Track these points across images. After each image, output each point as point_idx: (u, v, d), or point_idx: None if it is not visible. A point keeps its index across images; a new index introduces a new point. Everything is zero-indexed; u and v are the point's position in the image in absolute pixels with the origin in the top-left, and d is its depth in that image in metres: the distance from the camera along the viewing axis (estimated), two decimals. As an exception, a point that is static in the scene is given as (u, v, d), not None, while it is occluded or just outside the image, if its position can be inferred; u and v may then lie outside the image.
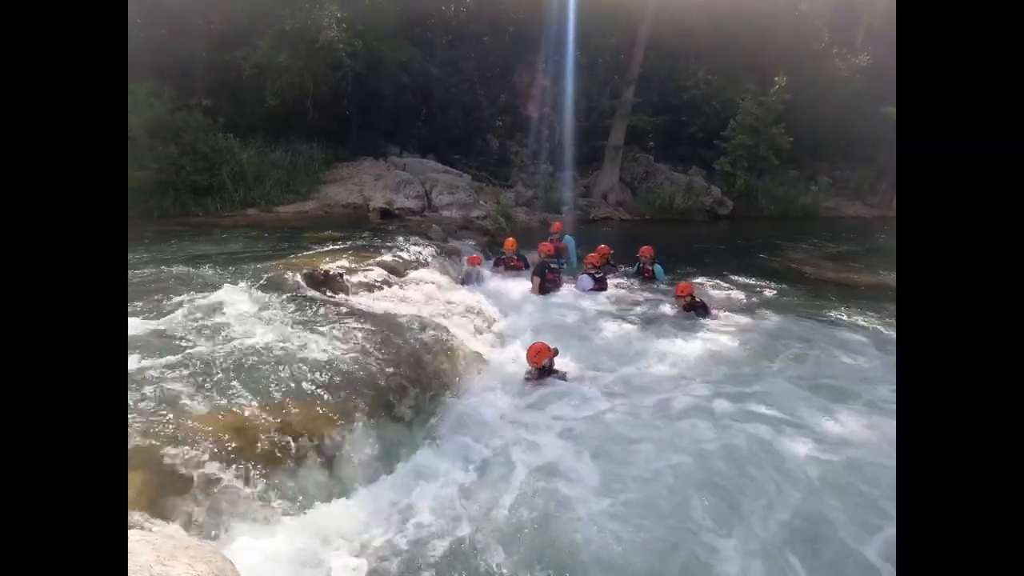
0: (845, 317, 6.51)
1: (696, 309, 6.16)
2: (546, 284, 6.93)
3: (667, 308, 6.49)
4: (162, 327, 3.79)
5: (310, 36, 11.89)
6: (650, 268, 7.86)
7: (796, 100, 16.84)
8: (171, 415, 2.74)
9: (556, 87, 17.16)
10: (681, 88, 17.95)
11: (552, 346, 4.45)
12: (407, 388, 3.70)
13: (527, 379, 4.41)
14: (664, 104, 17.66)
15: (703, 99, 17.83)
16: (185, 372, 3.15)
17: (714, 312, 6.26)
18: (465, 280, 7.13)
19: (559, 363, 4.53)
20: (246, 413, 2.91)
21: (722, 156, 16.91)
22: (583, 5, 16.03)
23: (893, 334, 5.96)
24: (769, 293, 7.73)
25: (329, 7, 11.98)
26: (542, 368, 4.38)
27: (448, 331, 4.81)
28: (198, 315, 4.05)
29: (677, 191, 16.45)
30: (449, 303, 5.75)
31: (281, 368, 3.37)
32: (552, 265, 7.17)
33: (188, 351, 3.43)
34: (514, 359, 4.95)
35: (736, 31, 17.80)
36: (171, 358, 3.30)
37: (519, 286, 7.21)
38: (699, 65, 18.06)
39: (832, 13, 19.16)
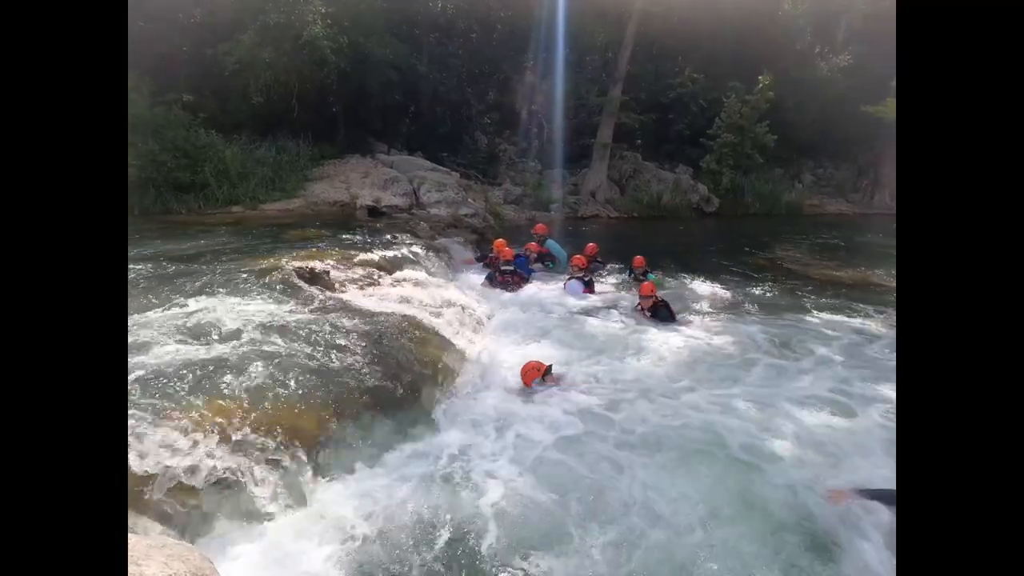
0: (828, 313, 6.61)
1: (659, 311, 6.08)
2: (496, 285, 7.01)
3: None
4: (143, 326, 3.70)
5: (294, 32, 11.71)
6: (642, 279, 7.84)
7: (780, 99, 17.03)
8: (149, 413, 2.68)
9: (544, 85, 17.15)
10: (668, 86, 18.05)
11: (545, 363, 4.43)
12: (393, 386, 3.67)
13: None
14: (652, 102, 17.73)
15: (690, 97, 17.96)
16: (165, 370, 3.08)
17: (679, 316, 6.17)
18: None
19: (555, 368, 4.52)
20: (228, 411, 2.86)
21: (708, 154, 17.06)
22: (572, 3, 16.02)
23: (874, 327, 6.08)
24: (754, 289, 7.82)
25: (313, 2, 11.81)
26: (535, 384, 4.36)
27: (435, 330, 4.78)
28: (180, 314, 3.97)
29: (664, 189, 16.56)
30: (437, 301, 5.71)
31: (265, 366, 3.32)
32: (503, 268, 7.20)
33: (168, 349, 3.36)
34: (501, 358, 4.93)
35: (722, 30, 17.95)
36: (151, 357, 3.23)
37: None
38: (686, 63, 18.19)
39: (814, 13, 19.39)
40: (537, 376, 4.37)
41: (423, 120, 16.31)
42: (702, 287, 7.79)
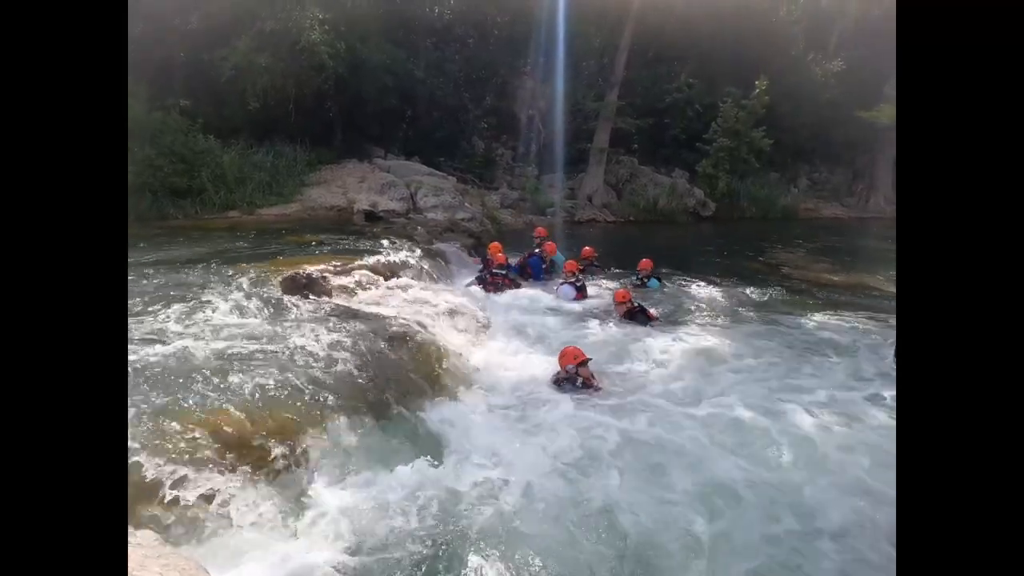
0: (824, 317, 6.61)
1: (635, 316, 6.08)
2: (487, 288, 7.03)
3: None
4: (136, 333, 3.67)
5: (291, 38, 11.73)
6: (645, 280, 7.85)
7: (775, 104, 17.14)
8: (143, 420, 2.66)
9: (541, 89, 17.21)
10: (664, 91, 18.15)
11: (585, 355, 4.40)
12: (390, 392, 3.64)
13: (555, 380, 4.39)
14: (647, 107, 17.83)
15: (685, 102, 18.06)
16: (159, 377, 3.06)
17: (655, 317, 6.15)
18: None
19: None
20: (222, 418, 2.83)
21: (704, 159, 17.15)
22: (568, 9, 16.12)
23: (869, 330, 6.10)
24: (748, 292, 7.84)
25: (311, 8, 11.84)
26: (567, 371, 4.35)
27: (432, 335, 4.76)
28: (173, 320, 3.94)
29: (661, 193, 16.62)
30: (433, 306, 5.69)
31: (261, 374, 3.29)
32: (494, 271, 7.27)
33: (162, 357, 3.33)
34: (500, 362, 4.91)
35: (717, 36, 18.08)
36: (145, 363, 3.20)
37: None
38: (682, 69, 18.30)
39: (807, 20, 19.57)
40: (572, 363, 4.34)
41: (420, 125, 16.35)
42: (698, 290, 7.80)
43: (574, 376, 4.34)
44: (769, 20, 19.04)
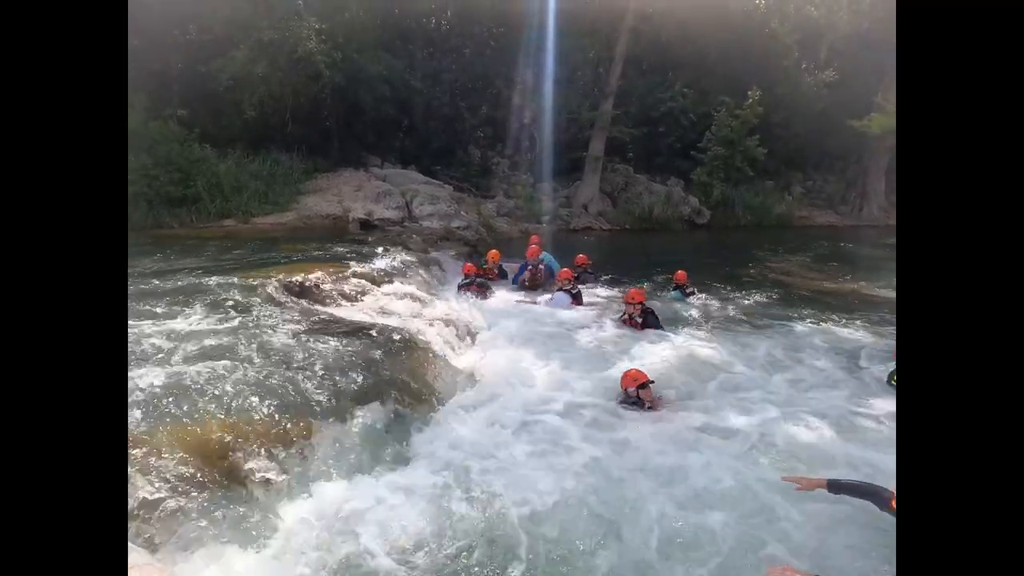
0: (820, 324, 6.63)
1: (647, 317, 5.92)
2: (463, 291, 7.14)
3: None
4: (128, 342, 3.62)
5: (289, 47, 11.81)
6: (683, 294, 7.72)
7: (769, 113, 17.31)
8: (129, 429, 2.61)
9: (537, 99, 17.32)
10: (659, 100, 18.31)
11: (647, 377, 4.21)
12: (382, 400, 3.59)
13: (619, 402, 4.26)
14: (642, 116, 17.97)
15: (680, 111, 18.21)
16: (148, 386, 3.01)
17: (663, 327, 6.01)
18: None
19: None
20: (209, 427, 2.79)
21: (699, 167, 17.27)
22: (563, 20, 16.30)
23: (855, 337, 6.11)
24: (743, 300, 7.85)
25: (308, 18, 11.93)
26: (628, 393, 4.20)
27: (427, 343, 4.73)
28: (165, 329, 3.90)
29: (656, 201, 16.70)
30: (428, 314, 5.66)
31: (250, 383, 3.24)
32: (474, 280, 7.38)
33: (153, 365, 3.28)
34: (494, 371, 4.87)
35: (711, 46, 18.30)
36: (135, 373, 3.15)
37: (501, 296, 7.24)
38: (676, 78, 18.48)
39: (799, 31, 19.83)
40: (632, 385, 4.16)
41: (416, 134, 16.42)
42: (695, 297, 7.80)
43: (636, 398, 4.18)
44: (762, 31, 19.29)
